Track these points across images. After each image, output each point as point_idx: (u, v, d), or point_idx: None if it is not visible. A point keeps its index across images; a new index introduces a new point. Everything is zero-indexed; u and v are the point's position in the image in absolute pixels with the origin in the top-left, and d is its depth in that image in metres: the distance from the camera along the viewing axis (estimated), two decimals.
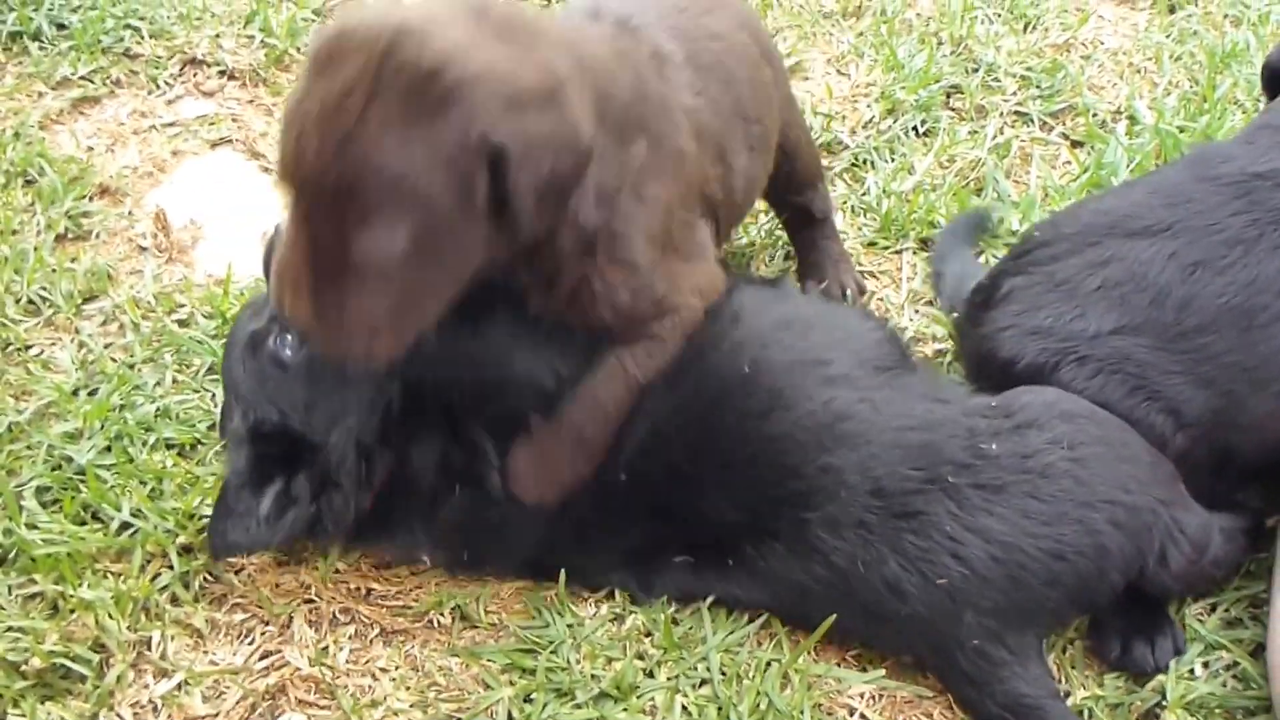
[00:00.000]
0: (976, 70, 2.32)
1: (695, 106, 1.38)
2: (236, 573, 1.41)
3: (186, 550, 1.41)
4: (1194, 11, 2.59)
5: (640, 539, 1.38)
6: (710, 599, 1.37)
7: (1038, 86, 2.29)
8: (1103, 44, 2.49)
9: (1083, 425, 1.35)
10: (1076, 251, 1.50)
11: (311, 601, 1.39)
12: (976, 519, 1.28)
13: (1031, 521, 1.28)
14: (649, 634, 1.36)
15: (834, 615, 1.30)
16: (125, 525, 1.42)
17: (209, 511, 1.41)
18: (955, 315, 1.70)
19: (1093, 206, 1.61)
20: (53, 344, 1.65)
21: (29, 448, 1.50)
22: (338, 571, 1.42)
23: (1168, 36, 2.50)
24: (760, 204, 1.97)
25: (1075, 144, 2.19)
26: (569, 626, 1.35)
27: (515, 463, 1.33)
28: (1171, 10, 2.60)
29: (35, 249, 1.75)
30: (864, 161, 2.11)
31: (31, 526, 1.40)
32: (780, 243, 1.91)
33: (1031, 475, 1.30)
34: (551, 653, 1.33)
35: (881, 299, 1.86)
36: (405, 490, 1.36)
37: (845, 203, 2.02)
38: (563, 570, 1.38)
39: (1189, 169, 1.57)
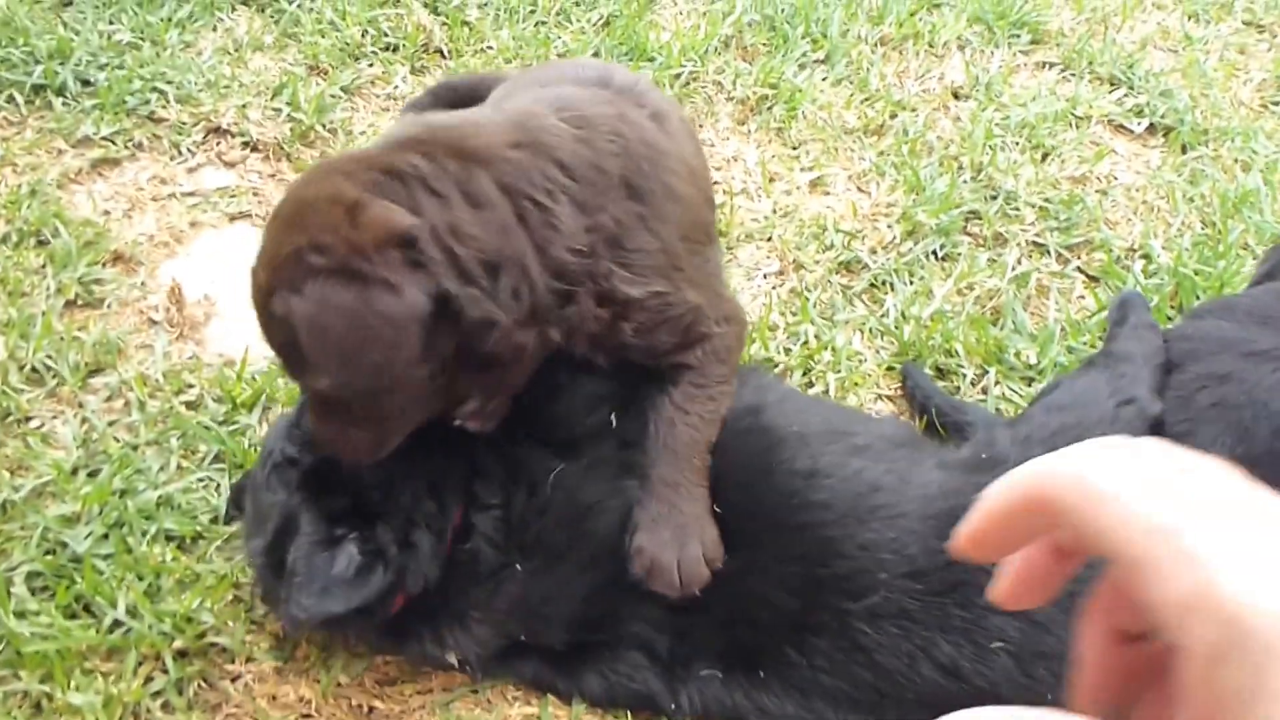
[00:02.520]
0: (996, 197, 2.35)
1: (691, 154, 1.47)
2: (233, 680, 1.34)
3: (182, 654, 1.34)
4: (1205, 153, 2.64)
5: (670, 643, 1.32)
6: None
7: (1055, 218, 2.31)
8: (1117, 179, 2.53)
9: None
10: (1195, 358, 1.47)
11: (310, 717, 1.33)
12: None
13: None
14: None
15: None
16: (119, 622, 1.35)
17: (208, 616, 1.36)
18: None
19: (1211, 321, 1.58)
20: (55, 417, 1.59)
21: (23, 528, 1.44)
22: (339, 685, 1.36)
23: (1180, 176, 2.54)
24: (779, 315, 1.97)
25: (1091, 279, 2.21)
26: None
27: (645, 551, 1.27)
28: (1184, 150, 2.65)
29: (44, 314, 1.70)
30: (883, 283, 2.11)
31: (20, 615, 1.33)
32: (804, 363, 1.89)
33: None
34: None
35: None
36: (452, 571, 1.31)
37: (864, 324, 2.01)
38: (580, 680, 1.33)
39: None
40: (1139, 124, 2.72)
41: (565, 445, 1.36)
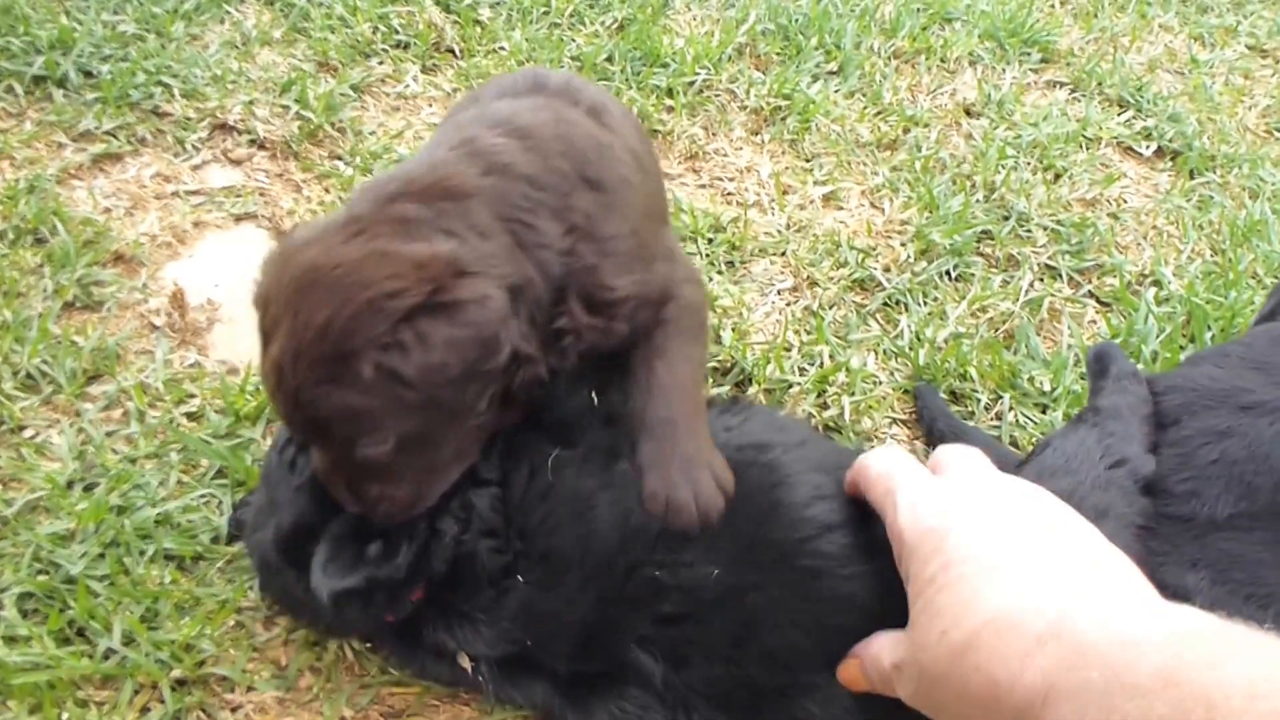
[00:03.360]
0: (1008, 218, 2.32)
1: (635, 142, 1.47)
2: (233, 711, 1.29)
3: (180, 684, 1.29)
4: (1213, 179, 2.63)
5: (666, 672, 1.26)
6: None
7: (1067, 241, 2.29)
8: (1127, 202, 2.50)
9: None
10: (1190, 412, 1.44)
11: None
12: None
13: None
14: None
15: None
16: (114, 649, 1.30)
17: (208, 644, 1.32)
18: None
19: (1205, 368, 1.55)
20: (50, 426, 1.53)
21: (14, 546, 1.38)
22: (344, 718, 1.31)
23: (1188, 201, 2.53)
24: (793, 335, 1.94)
25: (1103, 304, 2.18)
26: None
27: (658, 494, 1.22)
28: (1192, 175, 2.64)
29: (40, 317, 1.63)
30: (897, 303, 2.08)
31: (9, 641, 1.28)
32: (818, 386, 1.86)
33: None
34: None
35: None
36: (459, 578, 1.27)
37: (878, 345, 1.98)
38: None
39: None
40: (1148, 147, 2.70)
41: (556, 429, 1.34)
